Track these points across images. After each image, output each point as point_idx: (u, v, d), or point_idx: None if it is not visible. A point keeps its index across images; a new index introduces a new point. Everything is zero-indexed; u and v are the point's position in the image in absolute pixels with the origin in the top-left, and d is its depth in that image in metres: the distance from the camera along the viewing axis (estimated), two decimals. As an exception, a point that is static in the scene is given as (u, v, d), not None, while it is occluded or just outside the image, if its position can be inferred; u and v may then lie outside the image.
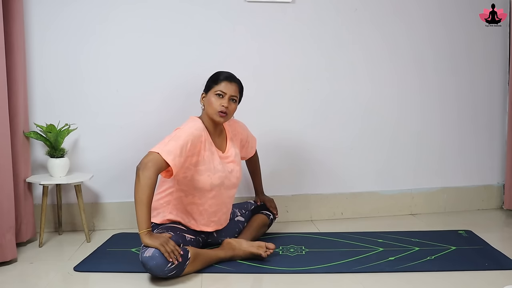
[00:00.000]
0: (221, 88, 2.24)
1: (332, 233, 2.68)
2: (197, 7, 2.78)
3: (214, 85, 2.26)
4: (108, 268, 2.19)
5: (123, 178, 2.72)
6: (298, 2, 2.87)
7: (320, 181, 2.99)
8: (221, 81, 2.26)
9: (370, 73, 3.00)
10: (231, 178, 2.32)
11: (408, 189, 3.09)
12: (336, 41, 2.94)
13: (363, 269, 2.15)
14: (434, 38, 3.05)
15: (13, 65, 2.42)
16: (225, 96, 2.24)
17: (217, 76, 2.29)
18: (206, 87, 2.31)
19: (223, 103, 2.23)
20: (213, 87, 2.26)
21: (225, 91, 2.25)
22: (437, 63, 3.07)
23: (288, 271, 2.15)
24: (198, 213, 2.28)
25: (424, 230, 2.72)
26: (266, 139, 2.83)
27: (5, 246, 2.21)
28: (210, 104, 2.25)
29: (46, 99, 2.69)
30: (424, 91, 3.07)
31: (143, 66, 2.77)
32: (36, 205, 2.66)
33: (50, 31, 2.67)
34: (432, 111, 3.09)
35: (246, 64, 2.82)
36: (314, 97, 2.94)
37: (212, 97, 2.25)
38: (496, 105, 3.17)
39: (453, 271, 2.14)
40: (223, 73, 2.30)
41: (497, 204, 3.21)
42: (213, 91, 2.25)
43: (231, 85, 2.26)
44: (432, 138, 3.11)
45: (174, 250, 1.98)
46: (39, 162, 2.70)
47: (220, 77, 2.27)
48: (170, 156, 2.04)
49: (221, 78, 2.27)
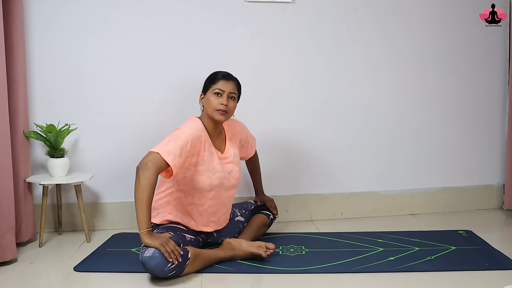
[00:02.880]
0: (219, 87, 2.25)
1: (332, 233, 2.68)
2: (197, 8, 2.78)
3: (211, 84, 2.27)
4: (108, 268, 2.19)
5: (123, 178, 2.72)
6: (298, 2, 2.87)
7: (320, 181, 2.99)
8: (219, 80, 2.26)
9: (370, 73, 3.00)
10: (230, 178, 2.32)
11: (408, 189, 3.09)
12: (336, 41, 2.94)
13: (363, 269, 2.15)
14: (434, 38, 3.05)
15: (13, 65, 2.42)
16: (224, 94, 2.25)
17: (214, 76, 2.30)
18: (204, 88, 2.31)
19: (222, 101, 2.24)
20: (211, 86, 2.27)
21: (223, 89, 2.25)
22: (437, 63, 3.07)
23: (288, 271, 2.15)
24: (198, 214, 2.28)
25: (424, 230, 2.72)
26: (266, 139, 2.83)
27: (5, 246, 2.21)
28: (209, 104, 2.25)
29: (46, 99, 2.70)
30: (424, 91, 3.07)
31: (143, 66, 2.77)
32: (36, 205, 2.66)
33: (50, 31, 2.67)
34: (432, 111, 3.09)
35: (246, 64, 2.82)
36: (314, 97, 2.94)
37: (210, 96, 2.25)
38: (496, 105, 3.17)
39: (453, 271, 2.14)
40: (220, 72, 2.31)
41: (497, 204, 3.21)
42: (211, 91, 2.26)
43: (228, 83, 2.27)
44: (432, 138, 3.11)
45: (174, 250, 1.98)
46: (39, 162, 2.70)
47: (218, 76, 2.28)
48: (170, 156, 2.04)
49: (218, 77, 2.27)
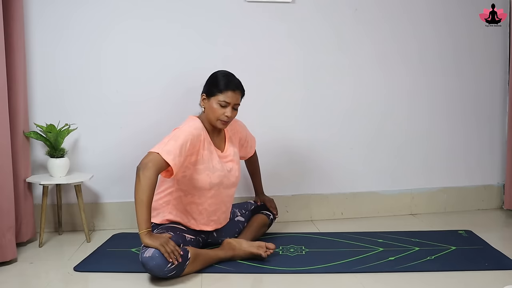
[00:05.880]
0: (226, 99, 2.20)
1: (332, 233, 2.68)
2: (197, 8, 2.78)
3: (218, 92, 2.21)
4: (108, 268, 2.19)
5: (123, 178, 2.72)
6: (298, 2, 2.87)
7: (320, 181, 2.99)
8: (227, 91, 2.20)
9: (370, 73, 2.99)
10: (230, 177, 2.32)
11: (408, 189, 3.09)
12: (336, 41, 2.94)
13: (363, 269, 2.15)
14: (434, 39, 3.04)
15: (13, 65, 2.42)
16: (229, 105, 2.22)
17: (222, 83, 2.22)
18: (209, 91, 2.24)
19: (227, 112, 2.21)
20: (216, 94, 2.21)
21: (230, 101, 2.21)
22: (437, 64, 3.06)
23: (288, 271, 2.15)
24: (198, 213, 2.28)
25: (424, 230, 2.72)
26: (266, 139, 2.83)
27: (5, 246, 2.21)
28: (212, 112, 2.22)
29: (46, 99, 2.69)
30: (424, 91, 3.07)
31: (143, 66, 2.76)
32: (36, 205, 2.66)
33: (50, 31, 2.67)
34: (432, 111, 3.09)
35: (246, 64, 2.82)
36: (314, 97, 2.94)
37: (214, 104, 2.21)
38: (496, 105, 3.16)
39: (453, 271, 2.14)
40: (228, 80, 2.23)
41: (497, 204, 3.21)
42: (216, 99, 2.21)
43: (235, 94, 2.23)
44: (432, 138, 3.11)
45: (174, 250, 1.98)
46: (39, 162, 2.70)
47: (226, 85, 2.21)
48: (170, 156, 2.04)
49: (226, 87, 2.21)
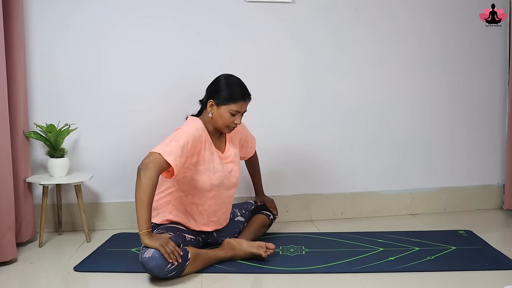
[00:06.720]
0: (238, 109, 2.22)
1: (332, 233, 2.68)
2: (197, 8, 2.78)
3: (230, 102, 2.21)
4: (108, 268, 2.19)
5: (123, 178, 2.73)
6: (298, 2, 2.87)
7: (320, 181, 2.99)
8: (239, 101, 2.22)
9: (370, 73, 3.00)
10: (230, 178, 2.32)
11: (408, 189, 3.09)
12: (336, 41, 2.94)
13: (363, 269, 2.15)
14: (434, 39, 3.04)
15: (13, 65, 2.42)
16: (239, 114, 2.25)
17: (237, 94, 2.22)
18: (220, 99, 2.22)
19: (237, 120, 2.24)
20: (228, 103, 2.21)
21: (241, 110, 2.24)
22: (437, 64, 3.06)
23: (288, 271, 2.15)
24: (198, 213, 2.28)
25: (424, 230, 2.72)
26: (266, 139, 2.83)
27: (5, 246, 2.21)
28: (223, 119, 2.23)
29: (46, 99, 2.69)
30: (423, 92, 3.07)
31: (142, 66, 2.76)
32: (36, 205, 2.66)
33: (50, 31, 2.67)
34: (431, 112, 3.09)
35: (246, 64, 2.82)
36: (314, 97, 2.94)
37: (225, 113, 2.21)
38: (496, 105, 3.16)
39: (453, 271, 2.14)
40: (243, 90, 2.25)
41: (497, 204, 3.21)
42: (227, 108, 2.21)
43: (246, 103, 2.26)
44: (432, 138, 3.11)
45: (174, 250, 1.98)
46: (39, 162, 2.70)
47: (241, 96, 2.23)
48: (171, 157, 2.04)
49: (239, 97, 2.22)
